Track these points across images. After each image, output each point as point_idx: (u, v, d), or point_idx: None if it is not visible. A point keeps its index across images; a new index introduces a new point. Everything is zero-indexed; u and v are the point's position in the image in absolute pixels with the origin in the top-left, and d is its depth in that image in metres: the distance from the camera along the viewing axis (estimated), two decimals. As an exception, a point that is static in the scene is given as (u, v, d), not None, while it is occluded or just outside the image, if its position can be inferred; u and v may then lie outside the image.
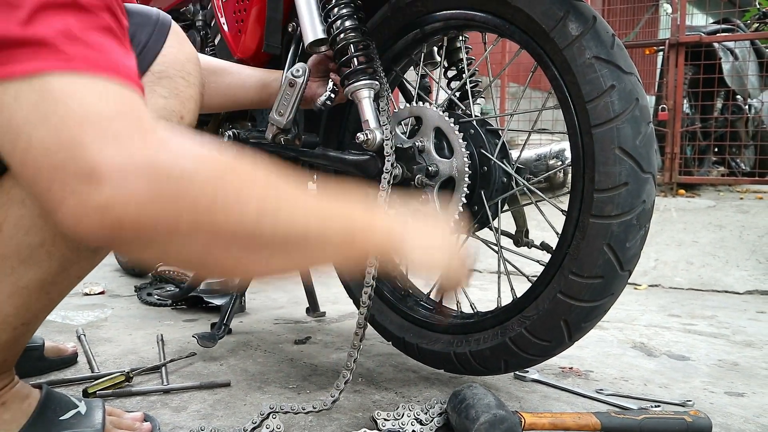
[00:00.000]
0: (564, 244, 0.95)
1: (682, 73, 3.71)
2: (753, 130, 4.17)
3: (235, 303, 1.45)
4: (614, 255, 0.89)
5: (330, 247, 0.66)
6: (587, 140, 0.90)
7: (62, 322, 1.68)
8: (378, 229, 0.73)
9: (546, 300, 0.97)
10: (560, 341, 0.97)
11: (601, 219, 0.89)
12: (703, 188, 3.91)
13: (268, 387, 1.17)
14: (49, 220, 0.68)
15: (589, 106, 0.89)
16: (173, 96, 0.77)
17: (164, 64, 0.77)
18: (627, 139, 0.87)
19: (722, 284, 2.47)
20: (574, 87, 0.91)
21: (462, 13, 1.08)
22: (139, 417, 0.93)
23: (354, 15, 1.10)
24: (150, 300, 1.97)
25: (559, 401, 1.12)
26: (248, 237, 0.57)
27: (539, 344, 0.98)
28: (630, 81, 0.89)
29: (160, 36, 0.77)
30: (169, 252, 0.55)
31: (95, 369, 1.23)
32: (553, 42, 0.92)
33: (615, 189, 0.88)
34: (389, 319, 1.24)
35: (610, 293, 0.93)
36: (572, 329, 0.95)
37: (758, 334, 1.72)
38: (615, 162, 0.87)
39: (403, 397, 1.12)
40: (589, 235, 0.90)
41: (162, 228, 0.52)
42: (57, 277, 0.73)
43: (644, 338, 1.63)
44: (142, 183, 0.50)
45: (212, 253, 0.56)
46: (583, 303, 0.92)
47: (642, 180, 0.88)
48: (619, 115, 0.87)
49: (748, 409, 1.12)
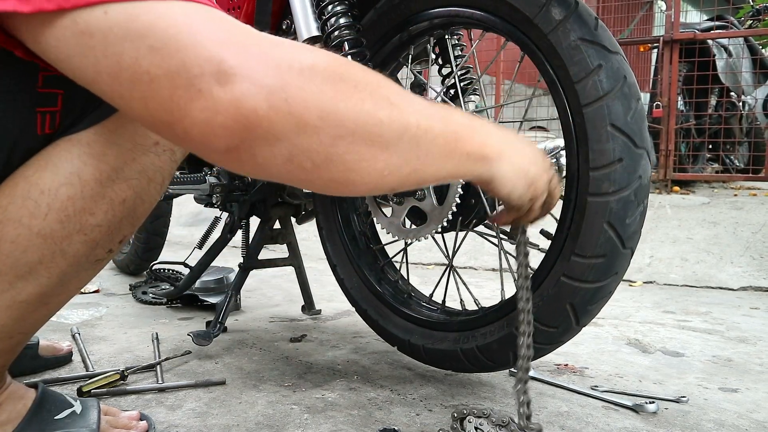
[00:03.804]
0: (564, 227, 0.95)
1: (677, 70, 3.71)
2: (747, 127, 4.18)
3: (231, 301, 1.45)
4: (615, 232, 0.89)
5: (436, 148, 0.63)
6: (578, 120, 0.91)
7: (57, 321, 1.67)
8: (480, 133, 0.69)
9: (550, 285, 0.95)
10: (567, 326, 0.96)
11: (598, 197, 0.89)
12: (697, 185, 3.93)
13: (264, 385, 1.17)
14: (48, 239, 0.68)
15: (578, 87, 0.89)
16: None
17: None
18: (618, 115, 0.87)
19: (716, 280, 2.48)
20: (561, 70, 0.92)
21: (445, 11, 1.08)
22: (134, 416, 0.93)
23: (348, 12, 1.10)
24: (145, 298, 1.96)
25: (555, 398, 1.12)
26: (368, 127, 0.56)
27: (546, 331, 0.97)
28: (616, 60, 0.89)
29: None
30: (297, 147, 0.54)
31: (90, 368, 1.23)
32: (538, 28, 0.93)
33: (610, 165, 0.88)
34: (393, 323, 1.22)
35: (614, 272, 0.92)
36: (579, 312, 0.94)
37: (752, 330, 1.73)
38: (608, 139, 0.88)
39: (398, 394, 1.13)
40: (588, 214, 0.90)
41: (293, 119, 0.52)
42: (56, 291, 0.72)
43: (639, 335, 1.64)
44: (271, 73, 0.51)
45: (337, 145, 0.55)
46: (588, 284, 0.91)
47: (636, 155, 0.88)
48: (609, 93, 0.88)
49: (742, 405, 1.12)
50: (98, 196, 0.70)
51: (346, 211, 1.33)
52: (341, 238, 1.32)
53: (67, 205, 0.68)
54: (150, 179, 0.75)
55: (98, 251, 0.73)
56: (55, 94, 0.67)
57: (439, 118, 0.64)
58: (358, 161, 0.57)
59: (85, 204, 0.69)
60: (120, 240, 0.76)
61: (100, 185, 0.70)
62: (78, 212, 0.69)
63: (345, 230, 1.32)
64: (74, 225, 0.69)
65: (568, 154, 0.94)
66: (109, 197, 0.71)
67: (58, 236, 0.69)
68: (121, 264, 2.50)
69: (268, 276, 2.48)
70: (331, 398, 1.10)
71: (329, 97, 0.54)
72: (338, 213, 1.33)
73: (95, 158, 0.69)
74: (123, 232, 0.75)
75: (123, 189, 0.72)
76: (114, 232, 0.73)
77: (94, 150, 0.69)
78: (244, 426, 0.97)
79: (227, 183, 1.41)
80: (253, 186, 1.45)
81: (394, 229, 1.16)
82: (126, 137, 0.71)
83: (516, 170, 0.71)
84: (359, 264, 1.29)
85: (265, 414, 1.02)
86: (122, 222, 0.74)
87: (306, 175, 0.56)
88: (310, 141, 0.54)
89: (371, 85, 0.59)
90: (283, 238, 1.60)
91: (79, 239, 0.70)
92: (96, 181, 0.69)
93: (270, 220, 1.54)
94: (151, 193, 0.76)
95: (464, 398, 1.11)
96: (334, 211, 1.33)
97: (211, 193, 1.42)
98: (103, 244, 0.73)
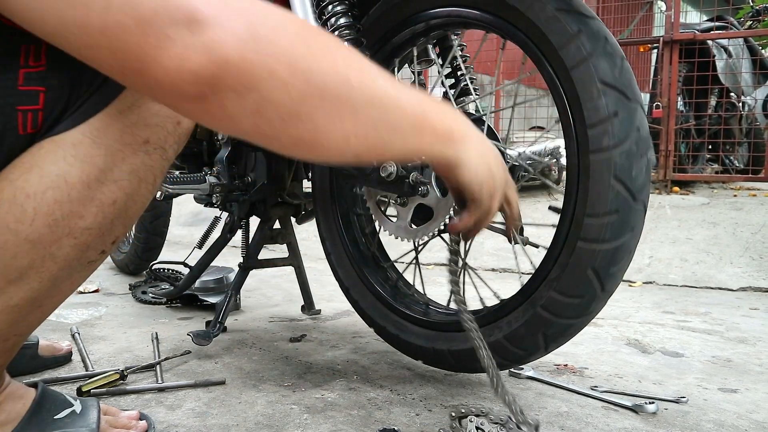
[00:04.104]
0: (572, 192, 0.94)
1: (677, 70, 3.71)
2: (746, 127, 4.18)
3: (230, 301, 1.44)
4: (624, 186, 0.88)
5: (405, 120, 0.64)
6: (568, 85, 0.91)
7: (56, 321, 1.67)
8: (447, 115, 0.70)
9: (567, 254, 0.93)
10: (593, 294, 0.93)
11: (600, 153, 0.88)
12: (697, 185, 3.93)
13: (263, 385, 1.17)
14: (37, 244, 0.66)
15: (561, 53, 0.91)
16: None
17: None
18: (606, 72, 0.88)
19: (716, 281, 2.48)
20: (543, 42, 0.93)
21: (428, 14, 1.09)
22: (134, 415, 0.93)
23: (348, 12, 1.10)
24: (145, 298, 1.96)
25: (554, 398, 1.12)
26: (338, 88, 0.57)
27: (572, 303, 0.94)
28: (595, 24, 0.91)
29: None
30: (266, 99, 0.54)
31: (89, 367, 1.23)
32: (515, 9, 0.95)
33: (606, 120, 0.88)
34: (414, 334, 1.19)
35: (630, 228, 0.90)
36: (602, 277, 0.91)
37: (751, 330, 1.73)
38: (600, 95, 0.88)
39: (398, 394, 1.13)
40: (594, 172, 0.89)
41: (262, 70, 0.53)
42: (48, 294, 0.71)
43: (639, 335, 1.64)
44: (242, 24, 0.52)
45: (305, 102, 0.56)
46: (606, 244, 0.90)
47: (631, 108, 0.88)
48: (593, 53, 0.88)
49: (742, 405, 1.12)
50: (86, 199, 0.68)
51: (353, 233, 1.33)
52: (350, 260, 1.31)
53: (54, 209, 0.66)
54: (141, 179, 0.73)
55: (90, 253, 0.72)
56: (36, 92, 0.66)
57: (409, 94, 0.65)
58: (325, 122, 0.57)
59: (73, 207, 0.67)
60: (113, 241, 0.74)
61: (88, 188, 0.68)
62: (66, 216, 0.67)
63: (353, 251, 1.31)
64: (63, 229, 0.68)
65: (564, 122, 0.94)
66: (99, 199, 0.69)
67: (46, 241, 0.67)
68: (120, 264, 2.50)
69: (267, 276, 2.48)
70: (330, 398, 1.10)
71: (300, 53, 0.55)
72: (346, 237, 1.32)
73: (81, 160, 0.67)
74: (115, 234, 0.74)
75: (112, 190, 0.70)
76: (105, 234, 0.72)
77: (80, 151, 0.67)
78: (244, 426, 0.97)
79: (227, 183, 1.41)
80: (253, 186, 1.45)
81: (402, 232, 1.15)
82: (113, 137, 0.69)
83: (479, 157, 0.73)
84: (371, 282, 1.28)
85: (265, 414, 1.02)
86: (113, 223, 0.72)
87: (273, 131, 0.56)
88: (280, 94, 0.54)
89: (343, 50, 0.60)
90: (283, 238, 1.60)
91: (69, 243, 0.69)
92: (83, 184, 0.67)
93: (270, 219, 1.54)
94: (142, 193, 0.74)
95: (464, 398, 1.11)
96: (341, 237, 1.32)
97: (211, 193, 1.42)
98: (94, 246, 0.72)
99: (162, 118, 0.72)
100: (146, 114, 0.71)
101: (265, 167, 1.45)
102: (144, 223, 2.27)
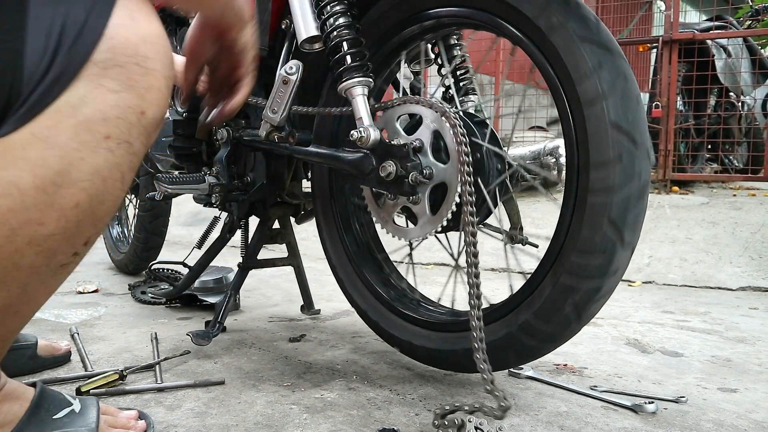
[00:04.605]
0: (572, 148, 0.93)
1: (676, 70, 3.72)
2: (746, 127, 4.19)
3: (230, 301, 1.44)
4: (621, 132, 0.88)
5: None
6: (548, 48, 0.93)
7: (55, 321, 1.67)
8: None
9: (580, 211, 0.91)
10: (612, 248, 0.90)
11: (593, 106, 0.88)
12: (696, 185, 3.93)
13: (263, 385, 1.17)
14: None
15: (539, 23, 0.93)
16: (127, 89, 0.65)
17: (111, 50, 0.63)
18: (583, 30, 0.90)
19: (715, 281, 2.48)
20: (521, 19, 0.95)
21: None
22: (133, 415, 0.92)
23: (347, 12, 1.10)
24: (144, 298, 1.96)
25: (554, 398, 1.12)
26: None
27: (594, 261, 0.91)
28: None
29: (102, 11, 0.63)
30: None
31: (89, 367, 1.23)
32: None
33: (591, 73, 0.88)
34: (428, 338, 1.16)
35: (637, 174, 0.89)
36: (619, 226, 0.89)
37: (751, 330, 1.73)
38: (580, 50, 0.89)
39: (397, 394, 1.13)
40: (590, 122, 0.89)
41: None
42: (22, 300, 0.67)
43: (638, 335, 1.64)
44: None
45: None
46: (616, 193, 0.88)
47: (612, 59, 0.89)
48: (565, 22, 0.90)
49: (741, 405, 1.12)
50: (44, 205, 0.62)
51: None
52: (363, 283, 1.30)
53: (8, 218, 0.60)
54: (105, 178, 0.66)
55: (59, 258, 0.67)
56: None
57: None
58: None
59: (30, 215, 0.61)
60: (84, 242, 0.69)
61: (44, 193, 0.61)
62: (23, 224, 0.61)
63: (370, 277, 1.30)
64: (22, 238, 0.62)
65: (552, 85, 0.94)
66: (58, 204, 0.63)
67: (7, 251, 0.61)
68: (120, 264, 2.50)
69: (267, 276, 2.48)
70: (330, 398, 1.10)
71: None
72: (356, 267, 1.31)
73: (33, 163, 0.61)
74: (85, 235, 0.68)
75: (73, 193, 0.64)
76: (73, 237, 0.66)
77: (30, 153, 0.61)
78: (243, 426, 0.97)
79: (226, 183, 1.41)
80: (253, 186, 1.45)
81: (425, 229, 1.14)
82: (67, 135, 0.62)
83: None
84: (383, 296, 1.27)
85: (264, 414, 1.02)
86: (80, 226, 0.66)
87: None
88: None
89: None
90: (282, 237, 1.60)
91: (32, 251, 0.63)
92: (38, 189, 0.61)
93: (269, 219, 1.54)
94: (109, 191, 0.67)
95: (463, 398, 1.11)
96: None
97: (210, 193, 1.42)
98: (63, 251, 0.67)
99: (122, 109, 0.65)
100: (103, 107, 0.64)
101: (264, 167, 1.45)
102: (143, 223, 2.27)
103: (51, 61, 0.60)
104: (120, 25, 0.64)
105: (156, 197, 1.60)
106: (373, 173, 1.08)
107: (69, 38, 0.61)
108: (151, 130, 0.70)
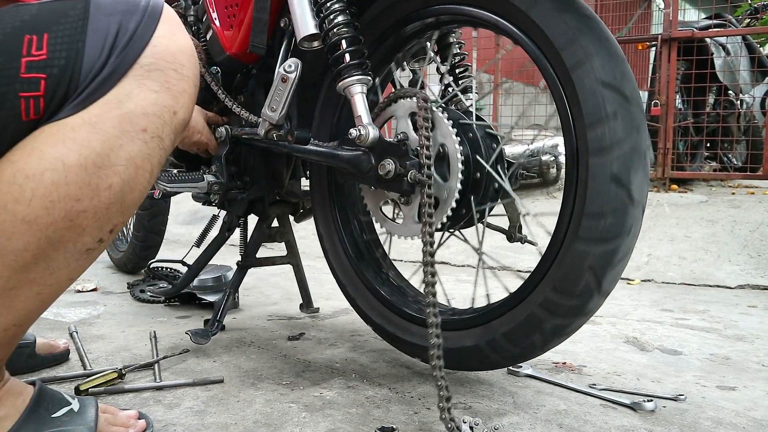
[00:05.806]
0: (567, 116, 0.92)
1: (675, 68, 3.71)
2: (745, 125, 4.19)
3: (229, 299, 1.44)
4: (614, 90, 0.87)
5: None
6: (532, 28, 0.94)
7: (54, 319, 1.67)
8: None
9: (584, 171, 0.89)
10: (624, 209, 0.88)
11: (580, 67, 0.88)
12: (695, 183, 3.93)
13: (262, 383, 1.17)
14: (33, 225, 0.68)
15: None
16: (164, 90, 0.75)
17: (154, 56, 0.74)
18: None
19: (714, 279, 2.48)
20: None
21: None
22: (133, 414, 0.92)
23: (346, 10, 1.09)
24: (143, 297, 1.96)
25: (552, 396, 1.12)
26: None
27: (609, 220, 0.87)
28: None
29: (149, 24, 0.74)
30: None
31: (87, 366, 1.23)
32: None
33: (573, 39, 0.89)
34: (457, 337, 1.11)
35: (636, 130, 0.88)
36: (625, 182, 0.87)
37: (750, 328, 1.73)
38: (561, 20, 0.91)
39: (396, 392, 1.13)
40: (579, 86, 0.88)
41: None
42: (45, 280, 0.72)
43: (637, 333, 1.64)
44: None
45: None
46: (614, 155, 0.86)
47: (591, 28, 0.90)
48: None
49: (740, 403, 1.12)
50: (83, 183, 0.70)
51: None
52: (370, 294, 1.29)
53: (51, 191, 0.68)
54: (138, 167, 0.74)
55: (86, 239, 0.73)
56: (37, 80, 0.68)
57: None
58: None
59: (69, 190, 0.69)
60: (110, 229, 0.75)
61: (85, 171, 0.70)
62: (62, 198, 0.69)
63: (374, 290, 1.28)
64: (59, 211, 0.69)
65: (535, 55, 0.95)
66: (95, 183, 0.71)
67: (43, 222, 0.68)
68: (118, 262, 2.49)
69: (266, 274, 2.48)
70: (329, 396, 1.10)
71: None
72: (364, 282, 1.30)
73: (80, 144, 0.69)
74: (113, 221, 0.75)
75: (109, 175, 0.72)
76: (102, 220, 0.73)
77: (78, 135, 0.69)
78: (242, 424, 0.97)
79: (225, 181, 1.41)
80: (251, 184, 1.45)
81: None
82: (111, 124, 0.71)
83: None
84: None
85: (263, 412, 1.02)
86: (110, 209, 0.73)
87: None
88: None
89: None
90: (282, 236, 1.60)
91: (64, 225, 0.70)
92: (80, 167, 0.69)
93: (268, 218, 1.53)
94: (139, 181, 0.75)
95: (462, 396, 1.11)
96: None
97: (209, 192, 1.42)
98: (90, 232, 0.73)
99: (159, 107, 0.74)
100: (144, 103, 0.73)
101: (263, 166, 1.45)
102: (142, 221, 2.27)
103: (105, 61, 0.71)
104: (163, 36, 0.75)
105: (155, 195, 1.60)
106: (371, 171, 1.08)
107: (121, 43, 0.72)
108: (179, 130, 0.79)
